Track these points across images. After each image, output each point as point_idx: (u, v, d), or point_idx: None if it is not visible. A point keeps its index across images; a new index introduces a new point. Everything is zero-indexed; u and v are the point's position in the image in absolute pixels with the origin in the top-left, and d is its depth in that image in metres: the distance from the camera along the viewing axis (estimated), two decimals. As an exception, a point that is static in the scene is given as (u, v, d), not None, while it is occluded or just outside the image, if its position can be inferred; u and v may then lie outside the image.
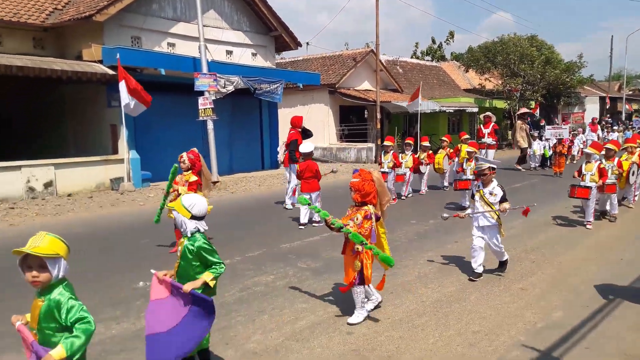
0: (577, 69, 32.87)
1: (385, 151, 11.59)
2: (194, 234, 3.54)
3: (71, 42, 14.28)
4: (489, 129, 16.12)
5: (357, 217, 4.54)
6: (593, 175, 8.74)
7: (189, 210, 3.54)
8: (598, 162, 8.84)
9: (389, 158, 11.43)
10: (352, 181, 4.58)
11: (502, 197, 5.86)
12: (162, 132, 15.12)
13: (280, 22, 18.47)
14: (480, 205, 5.93)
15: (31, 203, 11.50)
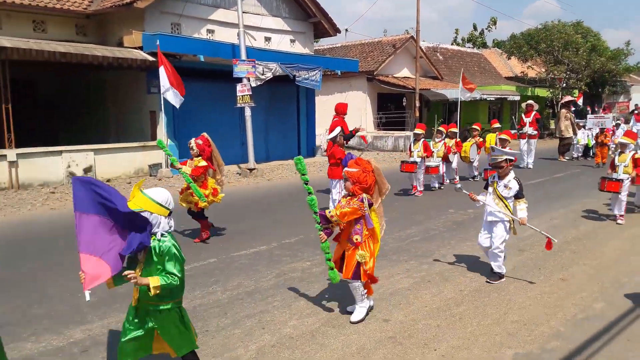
0: (624, 57, 31.48)
1: (416, 139, 11.07)
2: (164, 235, 3.05)
3: (112, 28, 14.56)
4: (531, 118, 15.64)
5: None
6: (627, 167, 8.16)
7: (166, 207, 3.08)
8: (633, 152, 8.28)
9: (419, 147, 10.86)
10: (349, 170, 4.14)
11: (518, 191, 5.31)
12: (200, 119, 15.29)
13: (320, 8, 18.32)
14: (492, 199, 5.41)
15: (71, 188, 11.81)
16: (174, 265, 3.02)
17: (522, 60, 30.55)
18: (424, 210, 9.25)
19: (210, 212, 9.40)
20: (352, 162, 4.17)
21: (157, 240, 3.02)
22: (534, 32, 30.17)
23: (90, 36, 14.69)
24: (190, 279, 5.55)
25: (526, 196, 5.54)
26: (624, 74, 34.58)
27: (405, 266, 5.94)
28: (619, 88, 37.32)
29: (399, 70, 25.13)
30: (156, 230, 3.02)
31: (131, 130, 14.91)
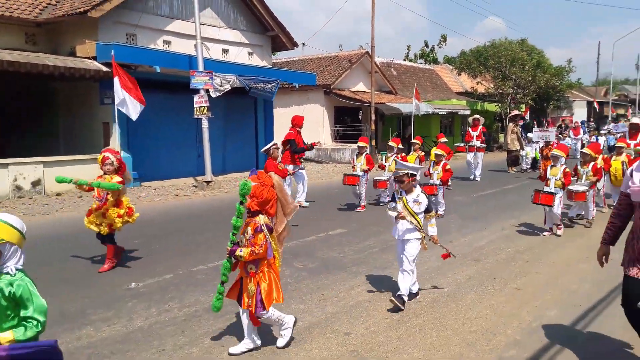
0: (566, 74, 33.22)
1: (359, 152, 11.02)
2: (15, 271, 2.47)
3: (64, 38, 14.14)
4: (477, 132, 16.10)
5: (247, 232, 3.81)
6: (558, 181, 8.19)
7: (24, 235, 2.55)
8: (564, 166, 8.32)
9: (362, 160, 10.79)
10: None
11: (427, 206, 5.15)
12: (155, 131, 15.02)
13: (277, 22, 18.43)
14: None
15: (18, 202, 11.35)
16: (34, 307, 2.44)
17: (472, 76, 31.70)
18: (380, 221, 9.40)
19: (167, 225, 9.26)
20: (253, 177, 3.85)
21: (9, 277, 2.43)
22: (482, 49, 31.40)
23: (41, 45, 14.20)
24: (146, 295, 5.44)
25: (479, 207, 5.73)
26: (567, 90, 36.44)
27: (365, 278, 6.03)
28: (563, 103, 39.30)
29: (355, 85, 25.53)
30: (7, 265, 2.44)
31: (83, 142, 14.46)
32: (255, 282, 3.81)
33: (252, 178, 3.83)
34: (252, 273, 3.81)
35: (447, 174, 10.00)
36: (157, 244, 7.81)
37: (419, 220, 5.08)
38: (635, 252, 3.30)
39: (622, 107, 50.56)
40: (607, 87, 51.25)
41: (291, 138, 10.79)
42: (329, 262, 6.70)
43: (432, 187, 9.61)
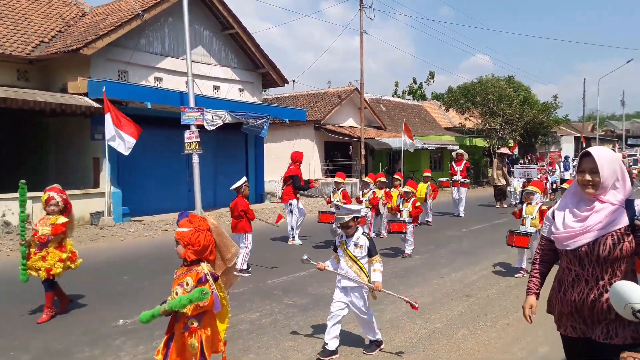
0: (553, 109, 33.87)
1: (336, 188, 10.53)
2: None
3: (56, 74, 14.27)
4: (461, 167, 16.01)
5: (186, 282, 3.26)
6: (534, 219, 7.65)
7: None
8: (540, 203, 7.85)
9: (339, 196, 10.33)
10: (179, 231, 3.26)
11: (370, 248, 4.67)
12: (145, 166, 15.03)
13: (268, 60, 18.76)
14: (345, 262, 4.69)
15: (5, 238, 11.20)
16: None
17: (460, 112, 32.21)
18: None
19: (156, 260, 9.14)
20: (184, 221, 3.32)
21: None
22: (469, 86, 32.01)
23: (33, 82, 14.31)
24: (133, 333, 5.33)
25: (470, 242, 5.71)
26: (554, 126, 37.06)
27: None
28: (550, 138, 39.94)
29: (344, 120, 25.84)
30: None
31: (73, 177, 14.40)
32: (198, 337, 3.26)
33: (183, 222, 3.31)
34: (194, 328, 3.26)
35: (417, 210, 9.62)
36: (146, 280, 7.70)
37: (362, 265, 4.65)
38: (567, 306, 2.79)
39: (609, 142, 51.50)
40: (594, 122, 52.34)
41: (294, 174, 10.88)
42: (320, 298, 6.63)
43: (402, 224, 9.18)
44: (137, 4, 14.95)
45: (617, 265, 2.57)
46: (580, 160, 2.67)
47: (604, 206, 2.58)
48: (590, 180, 2.59)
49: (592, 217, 2.59)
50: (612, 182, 2.58)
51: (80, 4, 17.40)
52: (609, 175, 2.56)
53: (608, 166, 2.57)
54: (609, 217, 2.55)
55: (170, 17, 15.77)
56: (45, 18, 15.53)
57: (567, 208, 2.72)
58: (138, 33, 14.86)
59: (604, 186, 2.57)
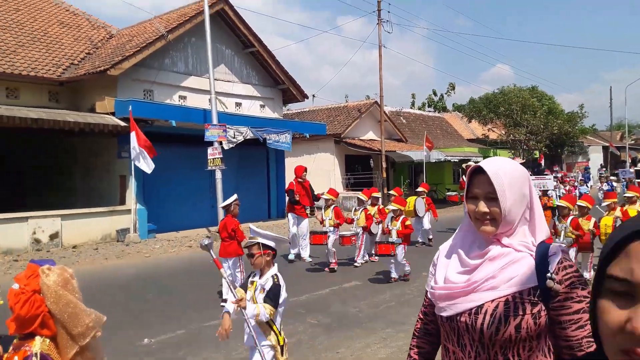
0: (579, 119, 33.36)
1: (326, 205, 9.81)
2: None
3: (85, 95, 14.69)
4: None
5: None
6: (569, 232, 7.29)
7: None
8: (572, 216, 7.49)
9: (330, 214, 9.63)
10: (12, 289, 2.18)
11: (269, 294, 3.53)
12: (170, 183, 15.29)
13: (288, 76, 18.99)
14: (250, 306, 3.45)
15: (35, 255, 11.49)
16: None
17: (483, 123, 31.96)
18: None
19: (181, 277, 9.28)
20: (19, 276, 2.25)
21: None
22: (492, 97, 31.79)
23: (63, 102, 14.74)
24: (158, 353, 5.42)
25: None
26: (581, 136, 36.42)
27: (382, 334, 5.93)
28: (577, 149, 39.25)
29: (364, 133, 25.88)
30: None
31: (100, 194, 14.74)
32: None
33: (18, 278, 2.24)
34: None
35: (407, 230, 8.66)
36: (170, 298, 7.82)
37: (270, 311, 3.45)
38: None
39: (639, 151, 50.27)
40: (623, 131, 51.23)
41: (290, 188, 11.01)
42: (344, 318, 6.63)
43: (389, 246, 8.23)
44: (162, 25, 15.33)
45: (515, 351, 1.56)
46: (469, 180, 1.70)
47: (503, 252, 1.61)
48: (487, 212, 1.61)
49: (481, 269, 1.61)
50: (520, 214, 1.63)
51: (107, 27, 17.90)
52: (514, 203, 1.60)
53: (513, 189, 1.61)
54: (508, 270, 1.58)
55: (193, 37, 16.11)
56: (75, 41, 16.02)
57: (455, 252, 1.74)
58: (162, 53, 15.21)
59: (508, 221, 1.61)
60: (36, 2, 16.94)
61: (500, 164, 1.65)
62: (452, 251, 1.76)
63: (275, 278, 3.63)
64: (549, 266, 1.55)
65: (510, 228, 1.63)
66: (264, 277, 3.67)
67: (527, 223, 1.67)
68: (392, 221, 8.75)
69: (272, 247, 3.76)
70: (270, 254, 3.74)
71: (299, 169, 11.21)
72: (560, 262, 1.56)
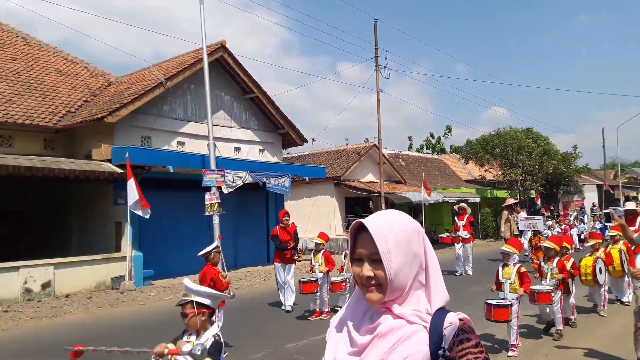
0: (573, 159, 33.58)
1: (316, 250, 9.43)
2: None
3: (81, 142, 14.73)
4: (464, 221, 14.83)
5: None
6: (513, 284, 6.59)
7: None
8: (518, 265, 6.79)
9: (320, 259, 9.18)
10: None
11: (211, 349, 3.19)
12: (166, 229, 15.13)
13: (287, 121, 19.16)
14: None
15: (26, 305, 11.19)
16: None
17: (479, 164, 32.11)
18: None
19: (176, 326, 8.98)
20: None
21: None
22: (488, 138, 32.07)
23: (59, 150, 14.77)
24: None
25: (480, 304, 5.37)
26: (575, 175, 36.64)
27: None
28: (572, 188, 39.35)
29: (364, 176, 25.92)
30: None
31: (95, 242, 14.55)
32: None
33: None
34: None
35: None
36: (166, 349, 7.54)
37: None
38: None
39: (633, 190, 50.38)
40: (616, 170, 51.55)
41: (274, 234, 10.27)
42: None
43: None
44: (160, 72, 15.56)
45: None
46: (354, 238, 1.47)
47: (394, 326, 1.38)
48: (372, 276, 1.39)
49: (371, 350, 1.39)
50: (411, 278, 1.40)
51: (106, 75, 18.18)
52: (403, 265, 1.38)
53: (400, 248, 1.38)
54: (399, 350, 1.36)
55: (192, 84, 16.33)
56: (72, 89, 16.22)
57: (345, 325, 1.50)
58: (161, 100, 15.37)
59: (396, 287, 1.38)
60: (34, 51, 17.24)
61: (385, 219, 1.42)
62: (342, 324, 1.52)
63: (217, 337, 3.32)
64: (443, 341, 1.35)
65: (400, 294, 1.40)
66: (202, 338, 3.31)
67: (422, 287, 1.43)
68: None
69: (207, 305, 3.39)
70: (206, 312, 3.37)
71: (280, 213, 10.64)
72: (456, 336, 1.36)
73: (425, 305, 1.42)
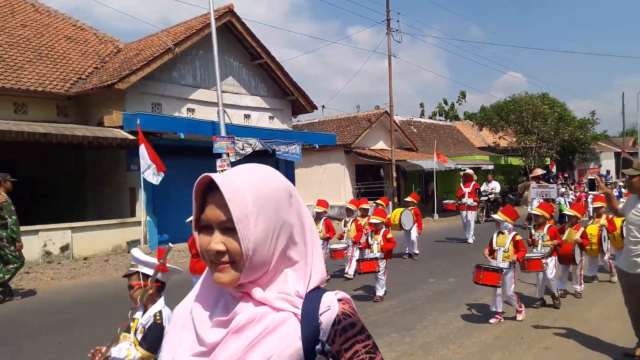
0: (591, 126, 33.00)
1: (317, 218, 9.19)
2: None
3: (93, 109, 14.84)
4: (470, 189, 14.49)
5: None
6: (506, 252, 6.42)
7: None
8: (514, 232, 6.62)
9: (320, 227, 9.06)
10: None
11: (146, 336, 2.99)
12: (180, 194, 15.27)
13: (297, 87, 19.04)
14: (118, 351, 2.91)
15: (47, 267, 11.57)
16: None
17: (494, 131, 31.74)
18: (405, 280, 9.21)
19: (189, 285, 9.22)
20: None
21: None
22: (503, 104, 31.59)
23: (71, 117, 14.92)
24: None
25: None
26: (592, 142, 36.06)
27: (387, 339, 5.84)
28: (589, 155, 38.84)
29: (375, 143, 25.82)
30: None
31: (110, 207, 14.82)
32: None
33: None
34: None
35: (389, 244, 7.99)
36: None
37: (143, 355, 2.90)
38: None
39: (651, 157, 49.66)
40: (635, 137, 50.67)
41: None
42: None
43: (372, 263, 7.58)
44: (169, 38, 15.49)
45: None
46: (199, 202, 1.14)
47: (254, 316, 1.07)
48: (223, 251, 1.06)
49: (222, 350, 1.06)
50: (276, 253, 1.09)
51: (115, 41, 18.14)
52: (265, 235, 1.06)
53: (263, 214, 1.06)
54: (260, 348, 1.04)
55: (201, 50, 16.24)
56: (82, 56, 16.24)
57: (191, 316, 1.15)
58: (170, 66, 15.35)
59: (256, 264, 1.07)
60: (43, 18, 17.21)
61: (242, 175, 1.07)
62: (187, 316, 1.14)
63: (157, 316, 2.98)
64: (320, 332, 1.05)
65: (262, 274, 1.07)
66: (146, 315, 3.03)
67: (293, 264, 1.11)
68: (373, 235, 8.05)
69: (159, 279, 3.05)
70: (154, 286, 3.02)
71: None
72: (336, 323, 1.06)
73: (295, 286, 1.09)
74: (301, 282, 1.10)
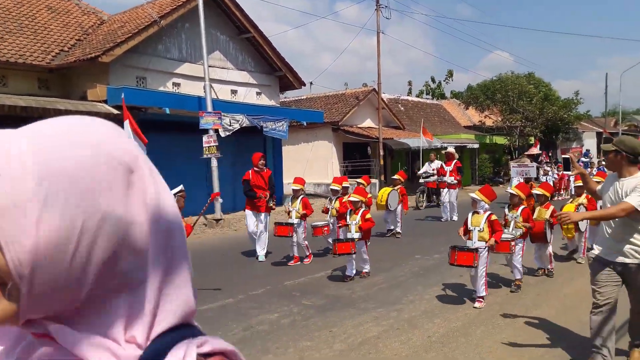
0: (574, 105, 33.34)
1: (294, 196, 9.11)
2: None
3: (76, 82, 14.53)
4: (451, 167, 14.60)
5: None
6: (482, 232, 6.22)
7: None
8: (489, 212, 6.38)
9: (297, 205, 8.91)
10: None
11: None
12: (165, 170, 14.75)
13: (285, 63, 18.82)
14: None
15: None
16: None
17: (480, 110, 31.93)
18: (390, 257, 9.32)
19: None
20: None
21: None
22: (489, 84, 31.76)
23: (53, 90, 14.59)
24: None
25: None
26: (576, 122, 36.51)
27: (374, 314, 5.93)
28: (572, 135, 39.31)
29: (362, 121, 25.79)
30: None
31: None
32: None
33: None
34: None
35: (368, 224, 7.69)
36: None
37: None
38: None
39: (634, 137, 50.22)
40: (617, 117, 51.28)
41: (245, 179, 9.50)
42: (338, 299, 6.63)
43: (349, 244, 7.36)
44: (154, 10, 15.15)
45: None
46: None
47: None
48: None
49: None
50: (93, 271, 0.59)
51: (98, 13, 17.70)
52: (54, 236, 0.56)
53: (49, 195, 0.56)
54: None
55: (187, 23, 15.93)
56: (64, 27, 15.82)
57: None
58: (155, 40, 15.04)
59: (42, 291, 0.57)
60: (23, -13, 16.70)
61: (28, 133, 0.62)
62: None
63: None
64: None
65: (64, 304, 0.60)
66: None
67: (129, 288, 0.63)
68: (352, 214, 7.76)
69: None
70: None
71: (256, 156, 9.79)
72: None
73: (130, 326, 0.62)
74: (140, 320, 0.63)
